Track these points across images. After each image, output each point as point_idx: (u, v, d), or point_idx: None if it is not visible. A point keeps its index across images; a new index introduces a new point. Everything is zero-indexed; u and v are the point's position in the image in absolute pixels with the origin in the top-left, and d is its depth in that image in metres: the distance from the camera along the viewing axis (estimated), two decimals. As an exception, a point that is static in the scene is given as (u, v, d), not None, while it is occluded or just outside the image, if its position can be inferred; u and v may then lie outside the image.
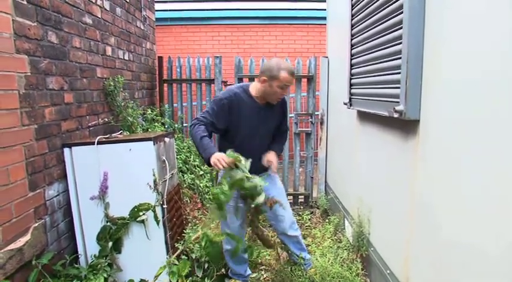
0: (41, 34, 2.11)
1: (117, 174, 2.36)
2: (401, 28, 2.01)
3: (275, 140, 2.63)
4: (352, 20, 3.07)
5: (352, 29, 3.08)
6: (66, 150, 2.34)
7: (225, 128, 2.35)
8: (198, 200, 3.66)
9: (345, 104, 3.23)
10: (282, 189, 2.70)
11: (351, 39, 3.11)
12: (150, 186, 2.34)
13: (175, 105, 4.79)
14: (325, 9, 5.23)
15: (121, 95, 3.34)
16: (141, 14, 4.03)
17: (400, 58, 2.03)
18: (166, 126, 4.48)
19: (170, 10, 7.26)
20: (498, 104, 1.31)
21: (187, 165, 4.01)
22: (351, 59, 3.13)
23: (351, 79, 3.15)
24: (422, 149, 1.93)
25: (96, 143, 2.35)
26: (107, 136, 2.54)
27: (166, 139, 2.65)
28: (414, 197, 2.02)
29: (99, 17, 2.91)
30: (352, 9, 3.06)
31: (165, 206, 2.45)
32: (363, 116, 3.02)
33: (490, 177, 1.36)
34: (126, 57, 3.58)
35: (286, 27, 7.35)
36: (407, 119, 1.99)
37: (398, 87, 2.06)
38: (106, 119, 3.05)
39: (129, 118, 3.27)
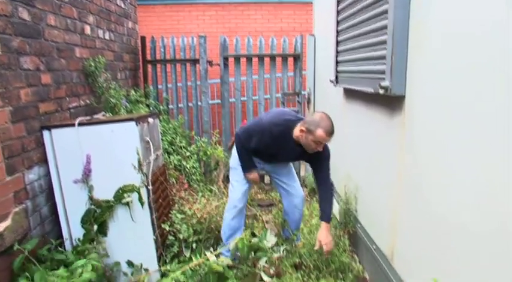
0: (10, 10, 2.01)
1: (100, 157, 2.30)
2: (386, 3, 1.97)
3: (321, 196, 2.61)
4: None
5: (338, 6, 3.02)
6: (45, 132, 2.27)
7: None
8: (185, 181, 3.64)
9: (331, 81, 3.19)
10: (291, 165, 2.89)
11: (337, 16, 3.05)
12: (134, 167, 2.29)
13: (159, 86, 4.70)
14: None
15: (103, 76, 3.25)
16: (121, -8, 3.89)
17: (385, 33, 2.00)
18: (151, 108, 4.40)
19: (152, -12, 7.05)
20: (483, 77, 1.30)
21: (173, 147, 3.97)
22: (337, 36, 3.08)
23: (337, 56, 3.11)
24: (409, 125, 1.92)
25: (76, 124, 2.28)
26: (88, 118, 2.47)
27: (150, 120, 2.59)
28: (401, 174, 2.02)
29: (76, -7, 2.79)
30: (337, -15, 2.99)
31: (150, 187, 2.41)
32: (350, 94, 3.00)
33: (476, 151, 1.36)
34: (107, 37, 3.47)
35: (272, 5, 7.21)
36: (393, 95, 1.98)
37: (384, 63, 2.03)
38: (87, 101, 2.97)
39: (111, 99, 3.19)
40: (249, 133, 2.55)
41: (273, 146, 2.51)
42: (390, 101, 2.12)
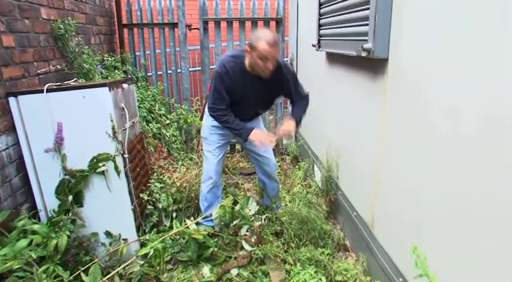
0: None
1: (73, 124, 2.20)
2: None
3: (295, 106, 2.60)
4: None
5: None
6: (11, 99, 2.14)
7: None
8: (165, 150, 3.56)
9: (314, 46, 3.10)
10: (264, 130, 2.78)
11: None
12: (108, 135, 2.20)
13: (137, 52, 4.51)
14: None
15: (74, 40, 3.07)
16: None
17: (369, -8, 1.90)
18: (128, 75, 4.24)
19: None
20: (468, 38, 1.24)
21: (152, 115, 3.86)
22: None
23: (319, 20, 3.00)
24: (392, 90, 1.87)
25: (45, 90, 2.16)
26: (58, 84, 2.34)
27: (125, 85, 2.47)
28: (383, 140, 1.99)
29: None
30: None
31: (126, 156, 2.34)
32: (332, 58, 2.92)
33: (460, 117, 1.32)
34: (77, -2, 3.26)
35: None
36: (376, 58, 1.91)
37: (367, 25, 1.94)
38: (58, 66, 2.81)
39: (84, 65, 3.03)
40: (215, 90, 2.37)
41: (237, 90, 2.38)
42: (373, 64, 2.05)
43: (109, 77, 3.41)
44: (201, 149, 4.00)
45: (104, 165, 2.22)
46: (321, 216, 2.73)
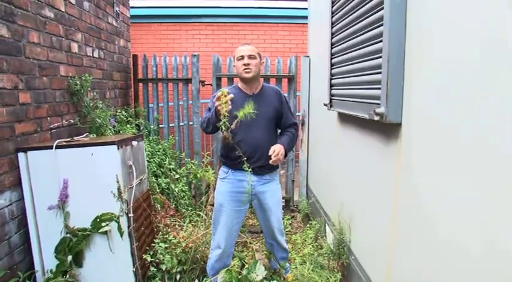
0: (-13, 27, 1.91)
1: (79, 181, 2.16)
2: (381, 25, 1.88)
3: (282, 133, 2.60)
4: (332, 17, 2.94)
5: (332, 27, 2.95)
6: (20, 155, 2.14)
7: None
8: (173, 206, 3.48)
9: (325, 105, 3.09)
10: (280, 200, 2.65)
11: (331, 38, 2.98)
12: (114, 194, 2.15)
13: (150, 105, 4.59)
14: (306, 9, 5.13)
15: (89, 95, 3.14)
16: (113, 9, 3.82)
17: (380, 57, 1.90)
18: (141, 128, 4.28)
19: (149, 7, 7.04)
20: (487, 105, 1.19)
21: (162, 169, 3.83)
22: (331, 59, 3.00)
23: (331, 79, 3.02)
24: (405, 155, 1.80)
25: (54, 147, 2.15)
26: (68, 139, 2.34)
27: (134, 143, 2.46)
28: (397, 205, 1.89)
29: (63, 10, 2.70)
30: (332, 7, 2.93)
31: (131, 215, 2.27)
32: (344, 118, 2.89)
33: (479, 184, 1.23)
34: (96, 55, 3.38)
35: (268, 26, 7.21)
36: (389, 122, 1.87)
37: (379, 88, 1.92)
38: (71, 121, 2.84)
39: (97, 119, 3.07)
40: (208, 109, 2.45)
41: (234, 106, 2.24)
42: (386, 128, 2.01)
43: (121, 131, 3.44)
44: (211, 205, 3.91)
45: (107, 224, 2.15)
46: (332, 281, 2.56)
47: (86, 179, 2.16)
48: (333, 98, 3.01)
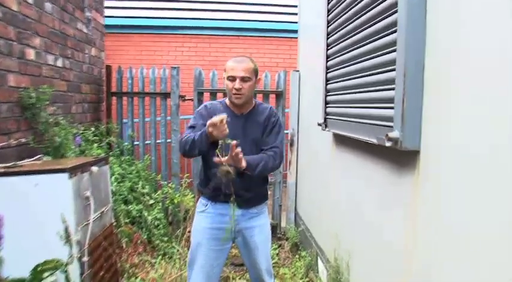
0: None
1: (17, 219, 1.72)
2: (395, 31, 1.55)
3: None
4: (328, 27, 2.62)
5: (328, 38, 2.63)
6: None
7: None
8: (145, 237, 3.05)
9: (319, 125, 2.74)
10: (269, 235, 2.24)
11: (327, 50, 2.65)
12: (60, 236, 1.72)
13: (124, 121, 4.17)
14: (296, 22, 4.86)
15: (48, 110, 2.72)
16: (84, 14, 3.43)
17: (393, 70, 1.56)
18: (115, 146, 3.85)
19: (129, 17, 6.68)
20: None
21: (134, 194, 3.39)
22: (327, 73, 2.66)
23: (326, 96, 2.68)
24: (424, 189, 1.44)
25: (-11, 174, 1.72)
26: (8, 164, 1.91)
27: (94, 168, 2.05)
28: (414, 248, 1.51)
29: (15, 10, 2.30)
30: (328, 15, 2.61)
31: (85, 259, 1.83)
32: (341, 140, 2.54)
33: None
34: (59, 64, 2.97)
35: (255, 39, 6.91)
36: (404, 150, 1.51)
37: (392, 108, 1.58)
38: (22, 140, 2.41)
39: (56, 138, 2.64)
40: (189, 127, 2.07)
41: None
42: (399, 156, 1.65)
43: (86, 151, 3.01)
44: (188, 236, 3.48)
45: (51, 274, 1.71)
46: None
47: (27, 215, 1.72)
48: (328, 117, 2.66)
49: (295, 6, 6.97)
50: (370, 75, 1.83)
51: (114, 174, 3.16)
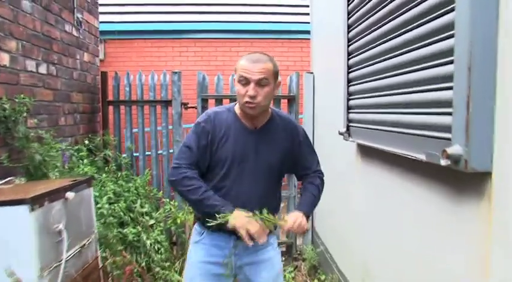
0: None
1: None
2: (452, 10, 1.14)
3: (304, 189, 1.76)
4: (349, 18, 2.22)
5: (349, 31, 2.23)
6: None
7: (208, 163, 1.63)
8: (143, 264, 2.67)
9: (341, 134, 2.34)
10: (280, 272, 1.80)
11: (348, 46, 2.26)
12: (17, 286, 1.34)
13: (124, 131, 3.81)
14: (307, 23, 4.49)
15: (29, 123, 2.37)
16: (73, 16, 3.10)
17: (450, 62, 1.16)
18: (116, 161, 3.49)
19: (130, 22, 6.37)
20: None
21: (131, 214, 3.02)
22: (348, 73, 2.27)
23: (348, 100, 2.28)
24: (499, 222, 1.04)
25: None
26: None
27: (70, 194, 1.67)
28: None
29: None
30: (348, 3, 2.21)
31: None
32: (369, 152, 2.13)
33: None
34: (43, 71, 2.63)
35: (264, 42, 6.52)
36: (471, 171, 1.10)
37: (448, 114, 1.17)
38: (-6, 159, 2.06)
39: (36, 156, 2.28)
40: (184, 144, 1.63)
41: (226, 144, 1.60)
42: (458, 177, 1.24)
43: (73, 169, 2.64)
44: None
45: None
46: None
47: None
48: (351, 124, 2.25)
49: (306, 5, 6.61)
50: (411, 71, 1.42)
51: (108, 193, 2.80)
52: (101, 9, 6.50)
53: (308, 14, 6.37)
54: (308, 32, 4.07)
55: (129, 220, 2.96)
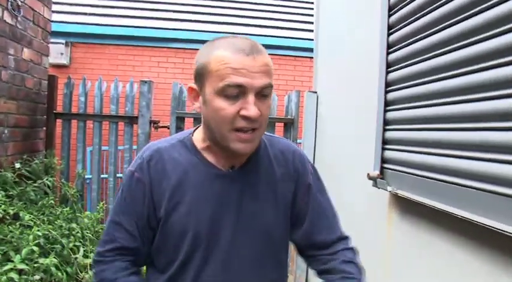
0: None
1: None
2: None
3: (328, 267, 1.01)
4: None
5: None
6: None
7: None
8: None
9: (372, 179, 1.62)
10: None
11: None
12: None
13: (78, 152, 3.01)
14: (302, 39, 3.93)
15: None
16: (7, 1, 2.34)
17: None
18: (50, 193, 2.68)
19: (104, 25, 5.64)
20: None
21: (69, 268, 2.20)
22: (386, 93, 1.57)
23: (384, 130, 1.58)
24: None
25: None
26: None
27: None
28: None
29: None
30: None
31: None
32: (411, 207, 1.41)
33: None
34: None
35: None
36: None
37: None
38: None
39: None
40: (111, 220, 0.93)
41: (179, 205, 0.90)
42: None
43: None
44: None
45: None
46: None
47: None
48: (386, 166, 1.55)
49: (302, 21, 6.04)
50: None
51: (30, 243, 1.98)
52: (70, 8, 5.79)
53: (304, 30, 5.84)
54: (303, 49, 3.52)
55: (65, 278, 2.14)
